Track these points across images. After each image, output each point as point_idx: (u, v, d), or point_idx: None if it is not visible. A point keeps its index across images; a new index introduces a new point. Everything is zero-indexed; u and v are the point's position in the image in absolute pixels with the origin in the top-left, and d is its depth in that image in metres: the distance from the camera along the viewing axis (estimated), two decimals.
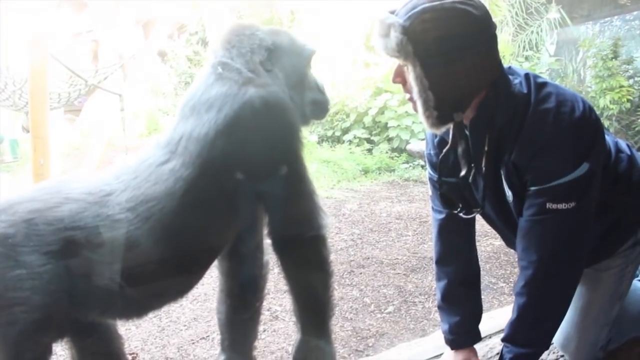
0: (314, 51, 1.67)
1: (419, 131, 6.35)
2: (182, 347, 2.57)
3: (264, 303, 2.94)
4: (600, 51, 6.17)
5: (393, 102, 6.63)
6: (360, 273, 3.35)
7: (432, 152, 1.63)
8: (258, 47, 1.55)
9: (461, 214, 1.56)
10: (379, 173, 6.07)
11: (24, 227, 1.31)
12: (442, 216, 1.66)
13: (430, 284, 3.11)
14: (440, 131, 1.43)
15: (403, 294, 3.01)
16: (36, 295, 1.29)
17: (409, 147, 6.31)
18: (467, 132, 1.45)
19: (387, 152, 6.46)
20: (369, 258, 3.59)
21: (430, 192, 1.69)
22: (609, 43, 6.26)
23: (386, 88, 6.79)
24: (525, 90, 1.41)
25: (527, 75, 1.44)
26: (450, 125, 1.40)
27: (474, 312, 1.72)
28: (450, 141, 1.46)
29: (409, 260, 3.54)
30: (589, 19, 8.09)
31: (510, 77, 1.42)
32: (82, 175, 1.57)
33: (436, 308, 1.85)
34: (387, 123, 6.63)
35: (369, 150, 6.57)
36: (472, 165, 1.44)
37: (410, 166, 6.12)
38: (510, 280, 3.18)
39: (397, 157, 6.38)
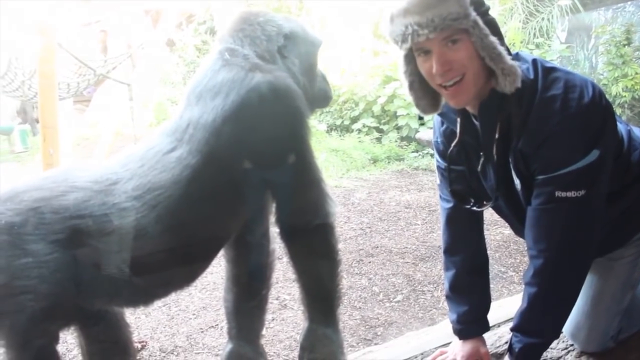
0: (322, 41, 1.67)
1: (428, 119, 6.31)
2: (191, 335, 2.57)
3: (273, 292, 2.97)
4: (613, 38, 6.07)
5: (402, 91, 6.55)
6: (369, 262, 3.34)
7: (439, 139, 1.61)
8: (276, 34, 1.54)
9: (474, 208, 1.54)
10: (388, 162, 6.05)
11: (30, 216, 1.30)
12: (450, 205, 1.64)
13: (439, 273, 3.10)
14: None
15: (412, 283, 3.00)
16: (43, 283, 1.28)
17: (418, 135, 6.28)
18: (474, 120, 1.43)
19: (396, 141, 6.43)
20: (377, 247, 3.59)
21: (438, 181, 1.67)
22: (621, 29, 6.16)
23: (395, 76, 6.74)
24: (531, 76, 1.38)
25: (534, 61, 1.41)
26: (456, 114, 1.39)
27: (483, 301, 1.71)
28: (458, 129, 1.44)
29: (417, 249, 3.53)
30: (601, 4, 7.98)
31: (518, 63, 1.39)
32: (88, 163, 1.56)
33: (444, 297, 1.84)
34: (396, 112, 6.60)
35: (378, 139, 6.54)
36: (481, 153, 1.42)
37: (419, 155, 6.10)
38: (520, 269, 3.16)
39: (407, 145, 6.36)
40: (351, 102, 7.04)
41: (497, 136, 1.42)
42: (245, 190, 1.50)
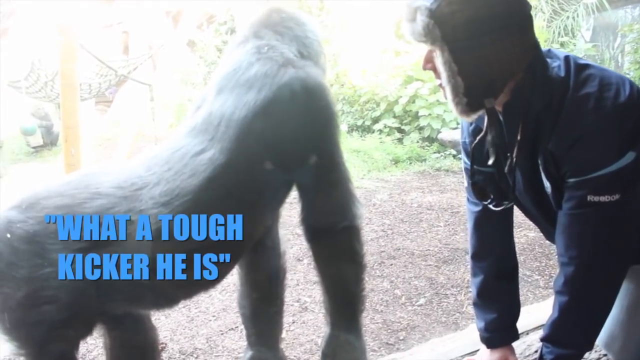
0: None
1: (450, 120, 6.24)
2: (210, 337, 2.55)
3: (294, 294, 2.94)
4: None
5: (424, 91, 6.51)
6: (391, 264, 3.28)
7: (467, 140, 1.55)
8: (315, 40, 1.54)
9: (490, 206, 1.48)
10: (410, 163, 5.98)
11: (52, 224, 1.26)
12: (478, 208, 1.58)
13: (462, 276, 3.03)
14: (471, 118, 1.36)
15: (435, 286, 2.94)
16: (65, 294, 1.25)
17: (440, 136, 6.20)
18: (500, 119, 1.37)
19: (418, 142, 6.36)
20: (399, 249, 3.53)
21: (465, 183, 1.61)
22: None
23: (417, 76, 6.68)
24: (563, 74, 1.31)
25: (567, 58, 1.34)
26: (482, 112, 1.33)
27: (512, 308, 1.64)
28: (484, 128, 1.39)
29: (440, 251, 3.46)
30: (627, 2, 7.82)
31: (549, 60, 1.33)
32: (110, 166, 1.51)
33: (469, 302, 1.78)
34: (417, 112, 6.52)
35: (400, 140, 6.48)
36: (508, 154, 1.36)
37: (441, 156, 6.01)
38: (546, 272, 3.09)
39: (428, 146, 6.28)
40: (372, 102, 6.98)
41: (519, 137, 1.35)
42: (275, 191, 1.46)
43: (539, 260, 3.26)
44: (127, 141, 5.59)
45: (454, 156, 5.87)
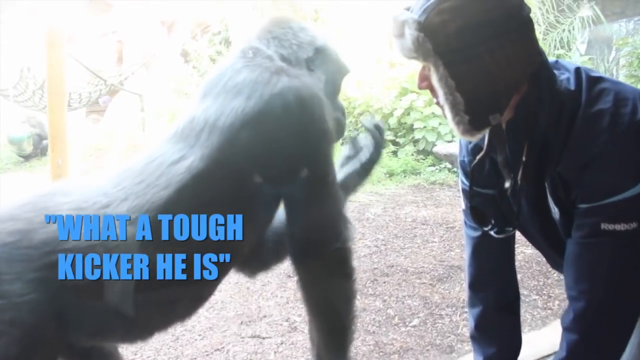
0: (350, 71, 1.55)
1: (445, 133, 6.17)
2: (195, 358, 2.45)
3: (282, 313, 2.84)
4: (634, 50, 5.90)
5: (419, 103, 6.45)
6: (384, 282, 3.19)
7: (466, 159, 1.44)
8: (308, 44, 1.41)
9: (492, 232, 1.36)
10: (404, 176, 5.90)
11: (3, 252, 1.14)
12: (476, 234, 1.46)
13: (457, 295, 2.94)
14: (475, 138, 1.24)
15: (429, 306, 2.85)
16: (19, 328, 1.12)
17: (435, 149, 6.13)
18: (504, 136, 1.27)
19: (412, 155, 6.28)
20: (393, 266, 3.44)
21: (463, 205, 1.49)
22: None
23: (412, 88, 6.61)
24: (573, 87, 1.19)
25: (577, 70, 1.23)
26: (486, 131, 1.23)
27: (512, 342, 1.52)
28: (485, 147, 1.28)
29: (435, 268, 3.37)
30: (622, 16, 7.81)
31: (557, 72, 1.22)
32: (73, 183, 1.38)
33: (465, 323, 1.66)
34: (412, 124, 6.45)
35: (394, 153, 6.39)
36: (512, 175, 1.26)
37: (436, 169, 5.94)
38: (544, 292, 2.99)
39: (423, 159, 6.20)
40: (367, 114, 6.91)
41: (524, 158, 1.24)
42: (258, 207, 1.34)
43: (537, 279, 3.16)
44: (117, 151, 5.50)
45: (449, 170, 5.80)
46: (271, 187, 1.32)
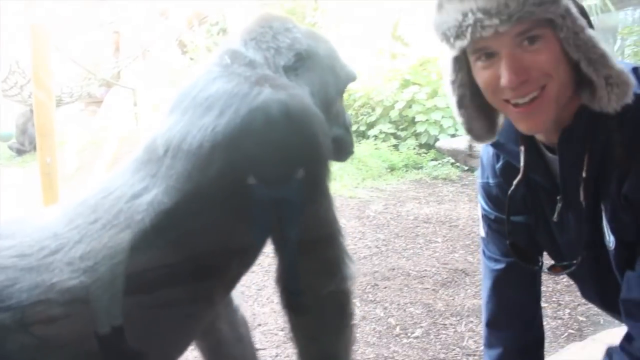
0: (355, 77, 1.34)
1: (448, 126, 6.00)
2: None
3: (277, 321, 2.70)
4: None
5: (421, 96, 6.28)
6: (385, 287, 3.04)
7: (491, 181, 1.23)
8: (287, 48, 1.21)
9: (546, 271, 1.16)
10: (406, 170, 5.73)
11: None
12: (499, 266, 1.27)
13: (462, 302, 2.79)
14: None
15: (432, 314, 2.70)
16: None
17: (438, 143, 5.97)
18: (546, 152, 1.07)
19: (414, 148, 6.12)
20: (394, 269, 3.29)
21: (482, 233, 1.29)
22: None
23: (414, 80, 6.45)
24: (639, 91, 0.98)
25: (636, 70, 1.02)
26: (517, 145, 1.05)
27: None
28: (522, 164, 1.08)
29: (438, 272, 3.22)
30: (628, 4, 7.61)
31: None
32: (20, 221, 1.18)
33: (470, 334, 1.47)
34: (414, 117, 6.28)
35: (395, 146, 6.23)
36: (558, 197, 1.07)
37: (439, 163, 5.78)
38: (553, 299, 2.84)
39: (425, 153, 6.04)
40: (367, 107, 6.75)
41: (584, 175, 1.03)
42: (236, 249, 1.15)
43: (545, 285, 3.01)
44: (110, 147, 5.35)
45: (452, 164, 5.65)
46: (253, 225, 1.14)
